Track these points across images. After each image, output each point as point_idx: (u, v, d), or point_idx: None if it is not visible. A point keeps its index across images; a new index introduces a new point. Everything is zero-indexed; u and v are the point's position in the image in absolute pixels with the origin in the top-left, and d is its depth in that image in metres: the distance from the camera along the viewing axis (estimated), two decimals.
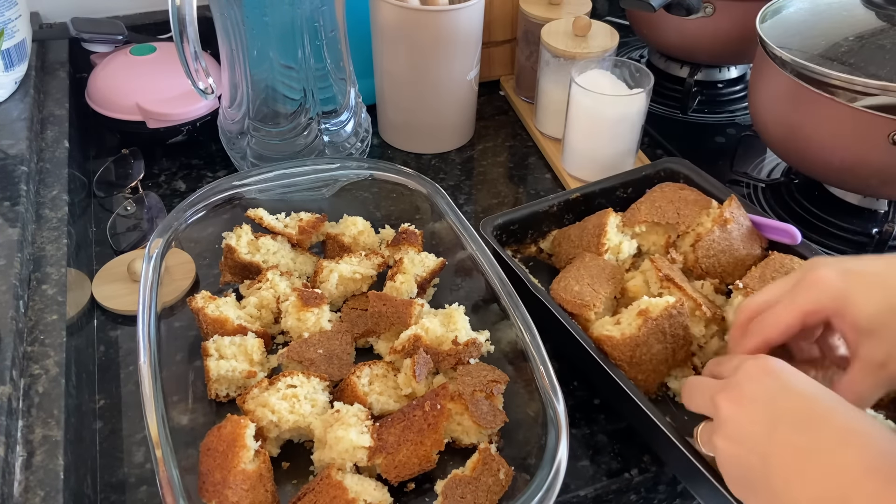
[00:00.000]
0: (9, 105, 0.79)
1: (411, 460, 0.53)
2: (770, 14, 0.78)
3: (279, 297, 0.65)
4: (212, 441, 0.52)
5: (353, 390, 0.57)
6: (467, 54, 0.83)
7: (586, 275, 0.63)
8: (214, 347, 0.60)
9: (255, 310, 0.65)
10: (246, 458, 0.51)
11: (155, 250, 0.63)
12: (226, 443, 0.51)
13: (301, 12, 0.68)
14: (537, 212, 0.70)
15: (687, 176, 0.73)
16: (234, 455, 0.51)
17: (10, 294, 0.57)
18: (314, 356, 0.60)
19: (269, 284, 0.66)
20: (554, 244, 0.72)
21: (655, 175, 0.74)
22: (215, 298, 0.64)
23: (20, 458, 0.49)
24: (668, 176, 0.74)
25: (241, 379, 0.59)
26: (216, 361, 0.59)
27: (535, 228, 0.71)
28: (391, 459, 0.53)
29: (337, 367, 0.60)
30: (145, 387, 0.52)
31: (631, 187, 0.74)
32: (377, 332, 0.64)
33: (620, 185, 0.74)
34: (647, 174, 0.74)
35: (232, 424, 0.53)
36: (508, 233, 0.70)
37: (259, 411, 0.55)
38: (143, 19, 0.98)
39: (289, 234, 0.70)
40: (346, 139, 0.79)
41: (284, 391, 0.56)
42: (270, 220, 0.70)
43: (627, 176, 0.74)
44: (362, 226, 0.72)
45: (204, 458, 0.51)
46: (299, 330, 0.63)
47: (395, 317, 0.62)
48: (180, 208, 0.67)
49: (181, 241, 0.70)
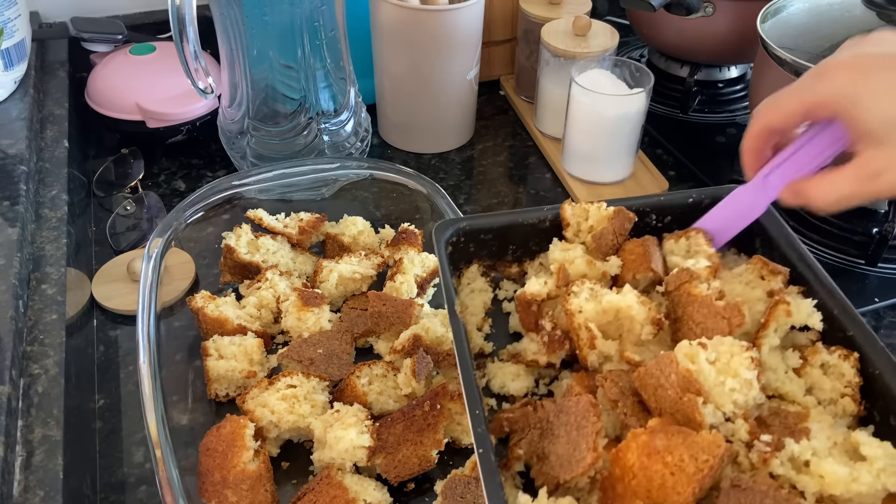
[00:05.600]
0: (8, 104, 0.79)
1: (411, 460, 0.53)
2: (771, 14, 0.78)
3: (279, 296, 0.65)
4: (211, 441, 0.52)
5: (353, 390, 0.57)
6: (467, 54, 0.83)
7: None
8: (214, 347, 0.60)
9: (254, 309, 0.65)
10: (245, 457, 0.51)
11: (154, 250, 0.63)
12: (225, 443, 0.51)
13: (301, 12, 0.68)
14: (521, 223, 0.52)
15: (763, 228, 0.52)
16: (233, 455, 0.51)
17: (9, 294, 0.57)
18: (314, 356, 0.60)
19: (269, 284, 0.65)
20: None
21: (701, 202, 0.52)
22: (215, 298, 0.64)
23: (20, 458, 0.49)
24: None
25: (241, 379, 0.59)
26: (216, 361, 0.59)
27: (518, 243, 0.53)
28: (391, 459, 0.53)
29: (337, 367, 0.60)
30: (145, 387, 0.52)
31: (669, 215, 0.53)
32: (377, 332, 0.64)
33: (656, 209, 0.52)
34: (699, 202, 0.52)
35: (231, 424, 0.53)
36: (479, 243, 0.52)
37: (258, 411, 0.55)
38: (143, 19, 0.98)
39: (289, 234, 0.70)
40: (346, 139, 0.79)
41: (284, 391, 0.56)
42: (270, 221, 0.70)
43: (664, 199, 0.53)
44: (362, 226, 0.72)
45: (203, 458, 0.51)
46: (299, 329, 0.62)
47: (395, 317, 0.61)
48: (180, 208, 0.67)
49: (181, 240, 0.70)
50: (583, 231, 0.51)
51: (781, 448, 0.38)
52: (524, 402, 0.45)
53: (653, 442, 0.37)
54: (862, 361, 0.42)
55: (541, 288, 0.47)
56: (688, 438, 0.36)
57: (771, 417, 0.40)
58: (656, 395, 0.39)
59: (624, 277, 0.49)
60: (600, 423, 0.39)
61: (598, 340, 0.44)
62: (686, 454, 0.35)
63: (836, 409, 0.42)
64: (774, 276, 0.46)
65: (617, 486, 0.38)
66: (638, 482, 0.36)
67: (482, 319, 0.52)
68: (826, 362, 0.43)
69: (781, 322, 0.44)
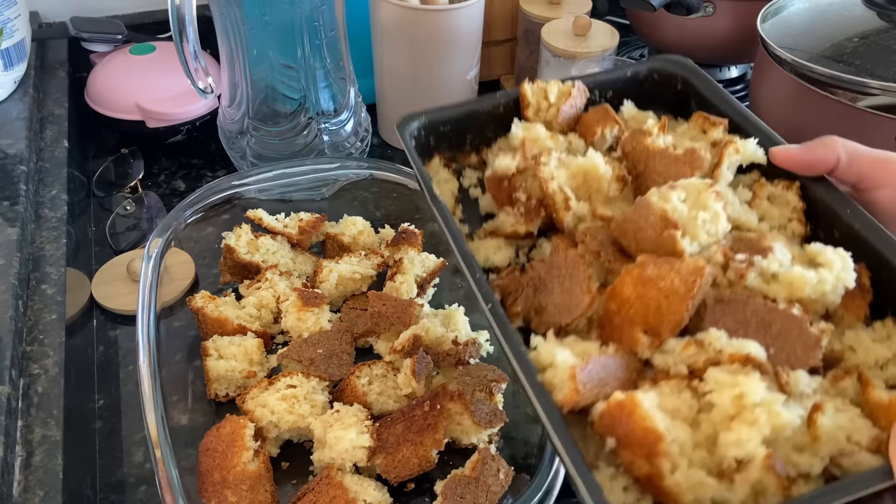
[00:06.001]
0: (8, 104, 0.79)
1: (411, 460, 0.53)
2: (771, 14, 0.78)
3: (279, 296, 0.65)
4: (211, 441, 0.52)
5: (353, 390, 0.57)
6: (467, 54, 0.83)
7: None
8: (214, 347, 0.60)
9: (254, 309, 0.65)
10: (245, 458, 0.51)
11: (154, 250, 0.63)
12: (225, 443, 0.51)
13: (301, 12, 0.68)
14: (477, 111, 0.54)
15: (686, 79, 0.55)
16: (233, 455, 0.51)
17: (9, 294, 0.57)
18: (314, 356, 0.60)
19: (269, 284, 0.65)
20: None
21: (646, 78, 0.55)
22: (215, 298, 0.64)
23: (19, 458, 0.49)
24: (662, 79, 0.56)
25: (241, 379, 0.59)
26: (216, 361, 0.59)
27: (475, 132, 0.54)
28: (391, 459, 0.53)
29: (337, 367, 0.60)
30: (145, 387, 0.52)
31: (611, 90, 0.55)
32: (377, 332, 0.64)
33: (596, 87, 0.55)
34: (636, 74, 0.55)
35: (231, 424, 0.52)
36: (438, 136, 0.54)
37: (258, 411, 0.54)
38: (143, 18, 0.98)
39: (289, 233, 0.70)
40: (346, 139, 0.79)
41: (284, 391, 0.56)
42: (270, 221, 0.70)
43: (606, 75, 0.56)
44: (362, 225, 0.72)
45: (203, 459, 0.51)
46: (299, 329, 0.62)
47: (394, 317, 0.61)
48: (180, 208, 0.67)
49: (180, 240, 0.70)
50: (542, 109, 0.54)
51: (753, 264, 0.42)
52: (509, 269, 0.49)
53: (645, 272, 0.41)
54: (803, 189, 0.47)
55: (510, 163, 0.50)
56: (675, 265, 0.41)
57: (736, 244, 0.44)
58: (637, 238, 0.44)
59: (589, 140, 0.52)
60: (591, 269, 0.44)
61: (573, 202, 0.48)
62: (676, 278, 0.40)
63: (787, 233, 0.47)
64: (715, 127, 0.51)
65: (614, 319, 0.42)
66: (635, 311, 0.41)
67: (454, 206, 0.54)
68: (772, 193, 0.48)
69: (732, 159, 0.48)
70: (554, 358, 0.40)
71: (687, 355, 0.39)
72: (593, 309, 0.43)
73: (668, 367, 0.40)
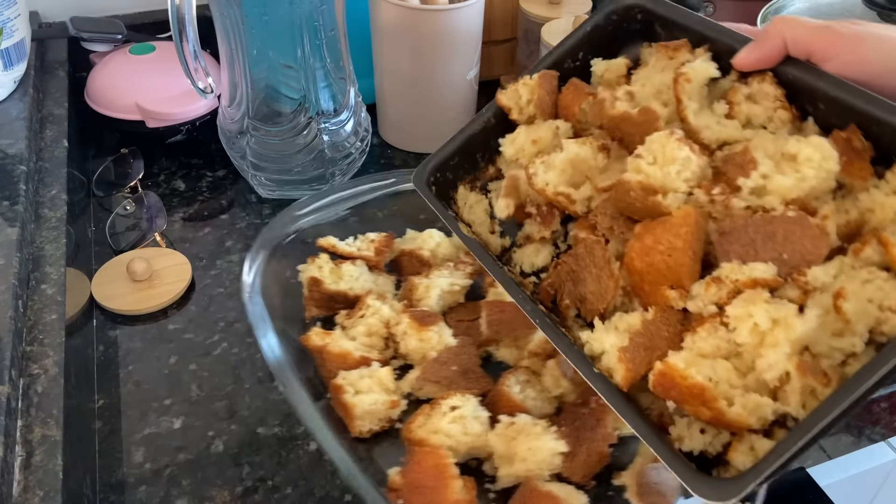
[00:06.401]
0: (8, 104, 0.79)
1: (591, 458, 0.53)
2: (771, 14, 0.78)
3: (387, 321, 0.62)
4: (416, 477, 0.51)
5: (508, 400, 0.56)
6: (467, 54, 0.83)
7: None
8: (347, 384, 0.57)
9: (365, 338, 0.62)
10: (456, 487, 0.50)
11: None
12: (432, 477, 0.50)
13: (301, 11, 0.68)
14: (473, 134, 0.57)
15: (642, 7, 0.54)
16: (444, 488, 0.50)
17: (9, 294, 0.57)
18: (449, 374, 0.58)
19: (373, 310, 0.63)
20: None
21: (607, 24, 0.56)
22: (330, 333, 0.62)
23: (19, 458, 0.49)
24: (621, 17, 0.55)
25: (385, 411, 0.57)
26: (354, 397, 0.56)
27: (481, 150, 0.58)
28: (574, 461, 0.53)
29: (475, 381, 0.59)
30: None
31: (581, 52, 0.56)
32: (497, 340, 0.63)
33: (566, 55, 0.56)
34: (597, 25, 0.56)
35: (431, 457, 0.51)
36: (451, 169, 0.57)
37: (433, 438, 0.53)
38: (143, 18, 0.98)
39: (367, 256, 0.67)
40: (346, 138, 0.79)
41: (451, 414, 0.54)
42: (343, 246, 0.67)
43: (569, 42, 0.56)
44: (439, 237, 0.70)
45: (412, 497, 0.50)
46: (423, 351, 0.61)
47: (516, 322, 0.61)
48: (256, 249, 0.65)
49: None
50: (523, 109, 0.56)
51: (737, 189, 0.43)
52: (553, 265, 0.53)
53: (642, 242, 0.45)
54: (776, 74, 0.47)
55: (507, 209, 0.55)
56: (664, 224, 0.44)
57: (724, 165, 0.45)
58: (631, 209, 0.46)
59: (571, 119, 0.54)
60: (609, 252, 0.48)
61: (573, 194, 0.51)
62: (669, 235, 0.43)
63: (776, 124, 0.47)
64: (678, 52, 0.51)
65: (643, 286, 0.46)
66: (653, 276, 0.45)
67: (490, 224, 0.58)
68: (749, 93, 0.48)
69: (688, 90, 0.48)
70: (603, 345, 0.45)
71: (710, 295, 0.43)
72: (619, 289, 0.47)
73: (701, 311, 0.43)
